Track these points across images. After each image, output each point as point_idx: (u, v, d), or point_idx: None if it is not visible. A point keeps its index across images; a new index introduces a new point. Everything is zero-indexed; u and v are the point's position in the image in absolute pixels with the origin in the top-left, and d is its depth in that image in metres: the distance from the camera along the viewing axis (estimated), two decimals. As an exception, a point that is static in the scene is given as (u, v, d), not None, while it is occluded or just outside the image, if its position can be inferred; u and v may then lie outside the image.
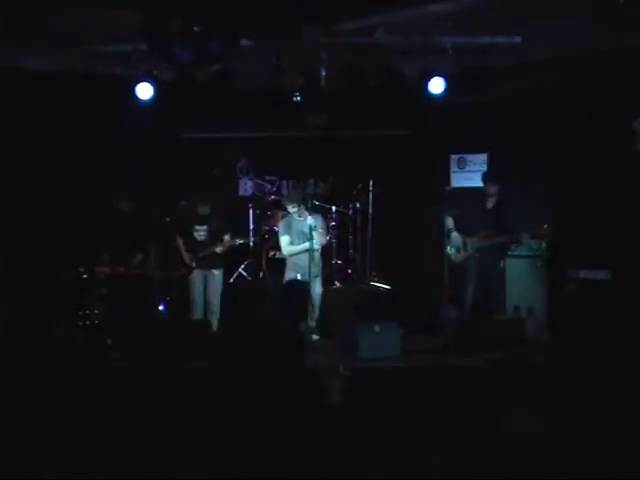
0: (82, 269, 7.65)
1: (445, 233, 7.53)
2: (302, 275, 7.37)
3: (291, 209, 7.60)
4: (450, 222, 7.56)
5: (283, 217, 7.97)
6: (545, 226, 7.23)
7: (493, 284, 7.57)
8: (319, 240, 7.49)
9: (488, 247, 7.42)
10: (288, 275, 7.54)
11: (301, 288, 5.46)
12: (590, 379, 4.21)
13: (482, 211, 7.51)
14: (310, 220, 7.44)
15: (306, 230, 7.37)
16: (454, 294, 7.54)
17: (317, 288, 7.53)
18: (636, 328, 6.48)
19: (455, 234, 7.48)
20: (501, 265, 7.64)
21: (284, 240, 7.64)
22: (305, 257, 7.39)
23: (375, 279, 9.02)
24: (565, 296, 7.39)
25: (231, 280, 8.77)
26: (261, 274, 8.91)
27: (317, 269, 7.54)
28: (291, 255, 7.61)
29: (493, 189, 7.44)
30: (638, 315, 6.65)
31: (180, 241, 7.83)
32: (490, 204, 7.50)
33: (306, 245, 7.38)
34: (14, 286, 7.71)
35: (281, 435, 2.41)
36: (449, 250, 7.52)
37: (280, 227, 7.78)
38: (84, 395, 3.02)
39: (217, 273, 7.82)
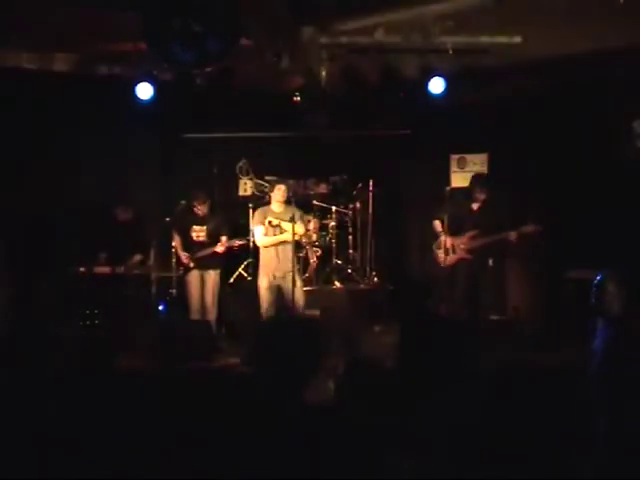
0: (82, 269, 7.67)
1: (434, 236, 7.62)
2: (275, 277, 7.35)
3: (276, 195, 7.48)
4: (438, 225, 7.62)
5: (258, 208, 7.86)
6: (531, 225, 7.22)
7: (484, 285, 7.57)
8: (298, 230, 7.36)
9: (477, 248, 7.45)
10: (261, 280, 7.46)
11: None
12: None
13: (468, 212, 7.55)
14: (288, 211, 7.40)
15: (279, 221, 7.30)
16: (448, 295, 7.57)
17: (297, 282, 7.32)
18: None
19: (444, 237, 7.53)
20: (490, 265, 7.65)
21: (259, 230, 7.46)
22: (276, 256, 7.35)
23: (375, 279, 9.03)
24: (564, 296, 7.40)
25: (231, 280, 8.78)
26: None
27: (290, 264, 7.29)
28: (265, 246, 7.46)
29: (481, 194, 7.48)
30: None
31: (177, 241, 7.83)
32: (476, 206, 7.54)
33: (281, 237, 7.33)
34: (14, 286, 7.71)
35: (281, 436, 2.41)
36: (437, 251, 7.59)
37: (255, 217, 7.62)
38: (84, 395, 3.02)
39: (213, 273, 7.82)
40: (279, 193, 7.50)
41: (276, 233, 7.42)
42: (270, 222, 7.39)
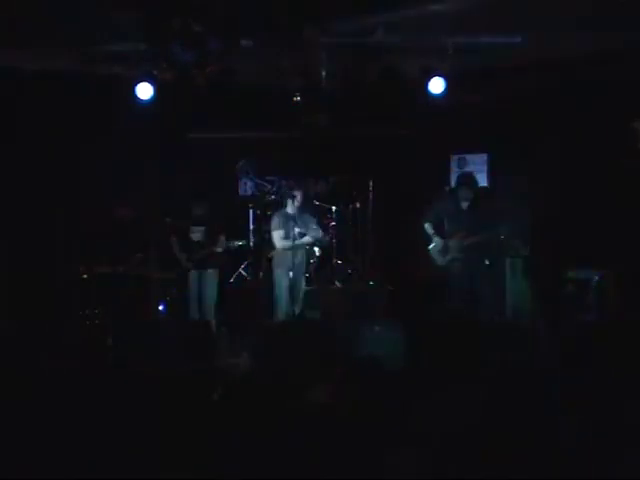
0: (82, 269, 7.66)
1: (428, 238, 7.63)
2: (292, 273, 7.47)
3: (295, 201, 7.59)
4: (429, 228, 7.61)
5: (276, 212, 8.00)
6: (518, 222, 7.22)
7: (481, 284, 7.54)
8: (316, 234, 7.59)
9: (470, 248, 7.43)
10: (279, 276, 7.59)
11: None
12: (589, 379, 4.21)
13: (457, 212, 7.54)
14: (305, 216, 7.60)
15: (301, 225, 7.47)
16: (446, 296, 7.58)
17: (302, 284, 7.74)
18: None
19: (437, 239, 7.53)
20: (486, 264, 7.63)
21: (278, 234, 7.64)
22: (296, 253, 7.47)
23: (375, 279, 9.03)
24: (564, 296, 7.40)
25: (231, 280, 8.78)
26: (261, 274, 8.91)
27: (304, 266, 7.78)
28: (284, 250, 7.60)
29: (467, 194, 7.47)
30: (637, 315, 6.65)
31: (175, 241, 7.84)
32: (465, 205, 7.53)
33: (303, 240, 7.56)
34: (15, 286, 7.71)
35: (281, 437, 2.42)
36: (431, 253, 7.58)
37: (274, 221, 7.75)
38: (83, 396, 3.02)
39: (212, 273, 7.83)
40: (295, 200, 7.60)
41: (295, 237, 7.57)
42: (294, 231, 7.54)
